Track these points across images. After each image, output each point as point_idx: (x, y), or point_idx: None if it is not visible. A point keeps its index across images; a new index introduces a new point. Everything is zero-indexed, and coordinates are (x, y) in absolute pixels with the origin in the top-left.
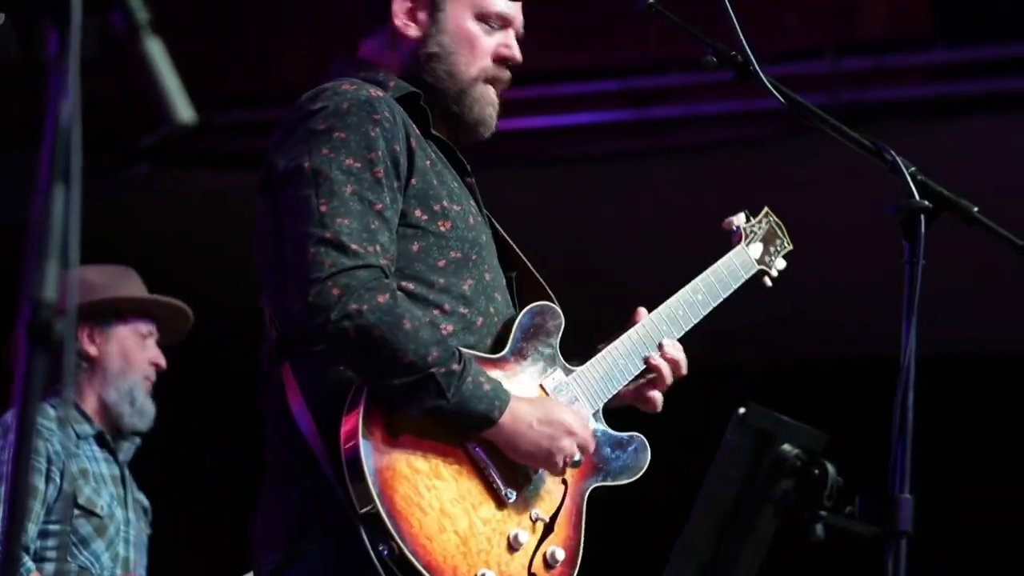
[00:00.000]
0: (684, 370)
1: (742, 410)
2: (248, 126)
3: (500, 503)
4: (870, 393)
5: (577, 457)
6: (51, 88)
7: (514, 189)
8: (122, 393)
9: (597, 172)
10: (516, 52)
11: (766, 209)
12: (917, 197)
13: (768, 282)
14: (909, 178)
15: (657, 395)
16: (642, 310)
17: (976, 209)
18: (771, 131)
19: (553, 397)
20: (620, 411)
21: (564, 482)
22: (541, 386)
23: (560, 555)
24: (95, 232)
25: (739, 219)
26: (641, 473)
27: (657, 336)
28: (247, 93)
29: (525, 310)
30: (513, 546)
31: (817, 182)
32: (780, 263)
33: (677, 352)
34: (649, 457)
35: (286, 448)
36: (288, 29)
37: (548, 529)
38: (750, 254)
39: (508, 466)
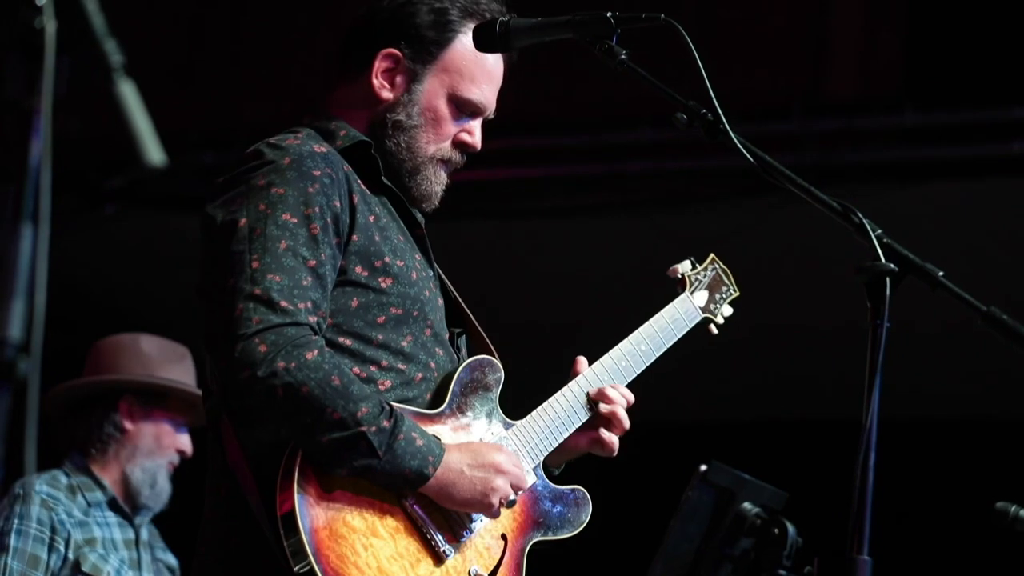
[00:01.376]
0: (632, 401)
1: (704, 467)
2: (217, 169)
3: (438, 560)
4: (832, 453)
5: (512, 496)
6: (22, 127)
7: (478, 240)
8: (146, 473)
9: (563, 225)
10: (477, 141)
11: (712, 256)
12: (883, 259)
13: (714, 329)
14: (875, 240)
15: (612, 438)
16: (582, 359)
17: (941, 273)
18: (738, 188)
19: None
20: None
21: (504, 538)
22: (480, 440)
23: None
24: (62, 271)
25: (684, 267)
26: (582, 527)
27: (598, 387)
28: (216, 136)
29: (464, 364)
30: None
31: (783, 240)
32: (726, 310)
33: (622, 391)
34: (590, 511)
35: (224, 502)
36: (257, 74)
37: None
38: (694, 302)
39: (446, 522)
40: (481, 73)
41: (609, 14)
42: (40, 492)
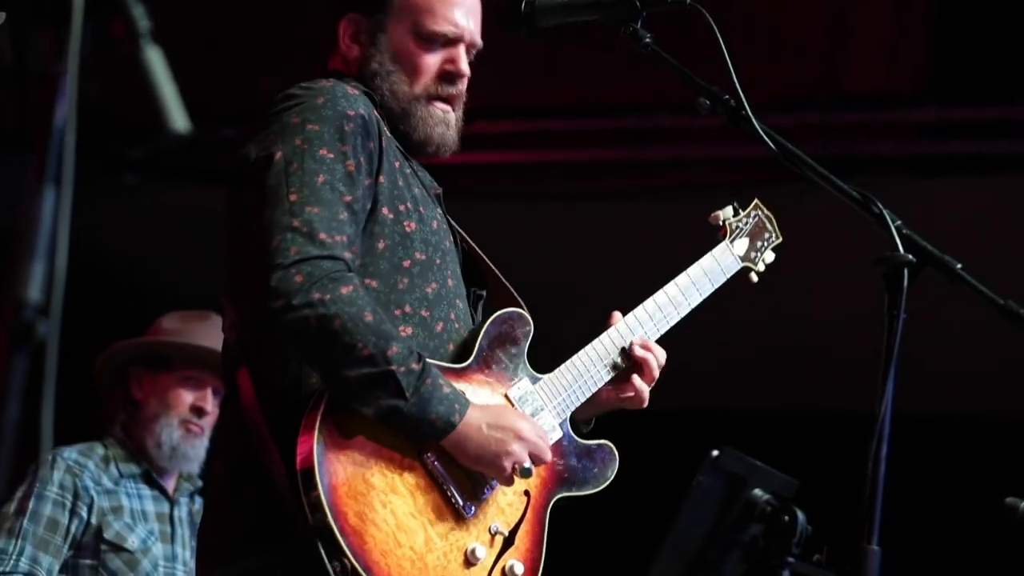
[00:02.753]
0: (663, 360)
1: (715, 452)
2: (237, 143)
3: (458, 517)
4: (844, 444)
5: (527, 464)
6: (49, 91)
7: (499, 222)
8: (154, 436)
9: (583, 209)
10: (461, 65)
11: (756, 201)
12: (902, 250)
13: (754, 278)
14: (895, 231)
15: (643, 387)
16: (617, 314)
17: (959, 266)
18: (758, 177)
19: (518, 407)
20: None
21: (527, 494)
22: (506, 395)
23: (519, 569)
24: (81, 240)
25: (726, 212)
26: (608, 482)
27: (631, 339)
28: (236, 110)
29: (492, 317)
30: (470, 561)
31: (801, 232)
32: (768, 256)
33: (654, 346)
34: (617, 466)
35: (238, 455)
36: (278, 47)
37: (508, 543)
38: (734, 251)
39: (467, 479)
40: (441, 4)
41: None
42: (67, 458)
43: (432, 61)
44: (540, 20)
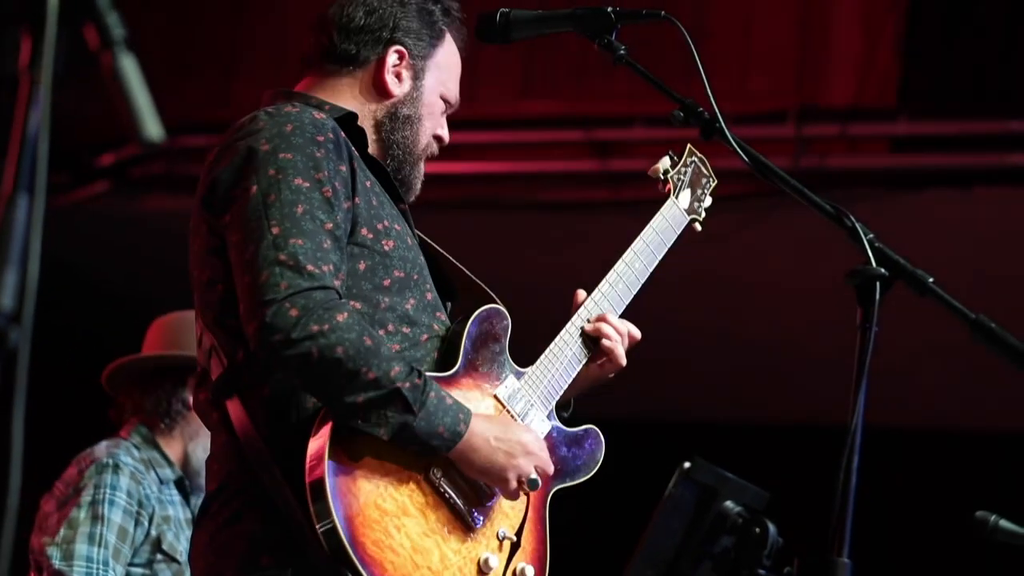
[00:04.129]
0: (636, 333)
1: (687, 464)
2: (207, 152)
3: (468, 529)
4: (815, 457)
5: (533, 476)
6: (20, 98)
7: (471, 231)
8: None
9: (555, 220)
10: (446, 132)
11: (689, 147)
12: (874, 264)
13: (698, 227)
14: (867, 244)
15: (618, 349)
16: (581, 292)
17: (931, 279)
18: (731, 190)
19: (508, 405)
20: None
21: (526, 493)
22: (495, 396)
23: (530, 572)
24: (51, 248)
25: (664, 164)
26: (598, 466)
27: (595, 323)
28: (207, 119)
29: (472, 317)
30: (484, 571)
31: (773, 244)
32: (707, 201)
33: (622, 325)
34: (604, 449)
35: (235, 482)
36: (248, 56)
37: (515, 546)
38: (680, 205)
39: (471, 490)
40: (457, 69)
41: (610, 9)
42: (127, 464)
43: (440, 123)
44: (515, 31)
